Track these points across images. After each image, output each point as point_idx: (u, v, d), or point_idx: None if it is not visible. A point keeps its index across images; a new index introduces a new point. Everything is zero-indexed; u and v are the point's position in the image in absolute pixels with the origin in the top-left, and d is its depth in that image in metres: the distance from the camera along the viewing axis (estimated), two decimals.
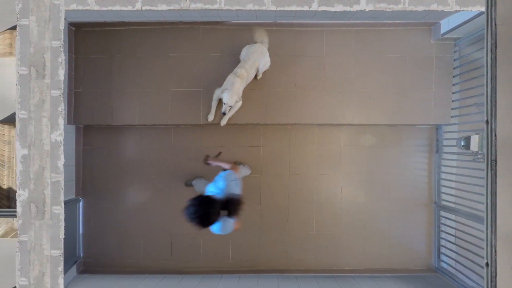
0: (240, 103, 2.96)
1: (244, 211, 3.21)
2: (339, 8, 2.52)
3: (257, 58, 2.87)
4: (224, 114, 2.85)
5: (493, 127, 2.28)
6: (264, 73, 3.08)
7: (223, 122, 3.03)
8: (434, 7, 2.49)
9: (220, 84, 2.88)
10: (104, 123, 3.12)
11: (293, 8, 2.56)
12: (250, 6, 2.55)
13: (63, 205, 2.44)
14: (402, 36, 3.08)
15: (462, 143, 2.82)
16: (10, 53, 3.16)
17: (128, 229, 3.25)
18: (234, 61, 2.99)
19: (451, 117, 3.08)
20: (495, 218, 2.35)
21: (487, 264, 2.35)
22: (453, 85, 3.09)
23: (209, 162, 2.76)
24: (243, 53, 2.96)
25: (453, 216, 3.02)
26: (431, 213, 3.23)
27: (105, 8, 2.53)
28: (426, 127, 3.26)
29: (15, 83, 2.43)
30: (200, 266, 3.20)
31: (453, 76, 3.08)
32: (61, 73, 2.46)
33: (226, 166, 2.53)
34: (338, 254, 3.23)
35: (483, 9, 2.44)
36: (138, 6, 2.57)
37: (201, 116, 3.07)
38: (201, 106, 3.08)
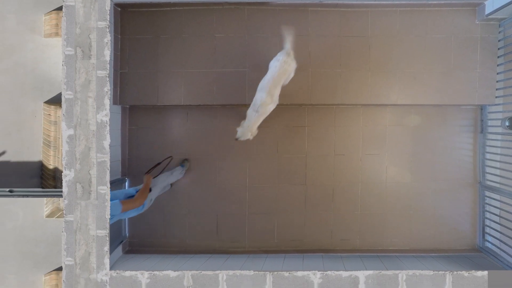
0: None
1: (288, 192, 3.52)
2: None
3: (282, 77, 2.85)
4: (236, 139, 3.06)
5: None
6: (310, 53, 3.37)
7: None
8: None
9: (265, 65, 2.94)
10: (150, 104, 3.40)
11: None
12: None
13: (108, 185, 2.58)
14: (446, 17, 3.34)
15: (507, 123, 3.07)
16: (56, 34, 3.42)
17: (174, 209, 3.53)
18: (279, 42, 3.19)
19: (496, 97, 3.34)
20: None
21: None
22: (497, 65, 3.34)
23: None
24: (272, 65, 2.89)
25: (497, 196, 3.27)
26: (475, 193, 3.50)
27: None
28: (471, 107, 3.53)
29: (61, 63, 2.59)
30: (246, 246, 3.48)
31: (498, 57, 3.34)
32: (107, 54, 2.60)
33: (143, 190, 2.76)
34: (383, 234, 3.50)
35: None
36: None
37: (247, 96, 3.36)
38: (247, 86, 3.36)
